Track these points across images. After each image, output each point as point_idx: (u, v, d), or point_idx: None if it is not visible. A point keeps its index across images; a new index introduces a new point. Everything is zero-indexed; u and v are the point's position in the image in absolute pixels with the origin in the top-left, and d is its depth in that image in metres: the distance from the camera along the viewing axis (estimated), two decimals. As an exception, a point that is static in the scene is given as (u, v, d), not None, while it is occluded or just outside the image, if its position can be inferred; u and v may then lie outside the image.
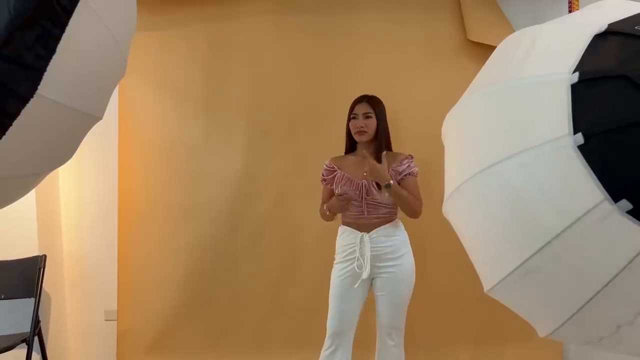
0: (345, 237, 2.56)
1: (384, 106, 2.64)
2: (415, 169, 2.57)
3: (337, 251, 2.60)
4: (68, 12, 1.19)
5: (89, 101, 1.40)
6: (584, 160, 0.99)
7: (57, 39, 1.19)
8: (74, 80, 1.30)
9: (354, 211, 2.56)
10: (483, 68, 1.38)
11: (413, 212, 2.50)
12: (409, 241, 2.56)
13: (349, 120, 2.63)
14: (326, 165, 2.68)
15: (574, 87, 1.04)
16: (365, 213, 2.54)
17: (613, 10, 1.17)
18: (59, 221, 3.44)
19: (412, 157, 2.61)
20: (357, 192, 2.54)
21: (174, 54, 3.39)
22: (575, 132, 1.01)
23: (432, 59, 3.21)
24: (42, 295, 3.18)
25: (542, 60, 1.13)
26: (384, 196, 2.50)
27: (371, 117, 2.58)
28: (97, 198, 3.45)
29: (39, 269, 3.04)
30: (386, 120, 2.64)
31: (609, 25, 1.10)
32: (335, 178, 2.62)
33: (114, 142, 3.35)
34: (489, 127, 1.15)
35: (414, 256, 2.57)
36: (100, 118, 1.49)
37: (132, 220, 3.37)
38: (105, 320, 3.51)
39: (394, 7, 3.22)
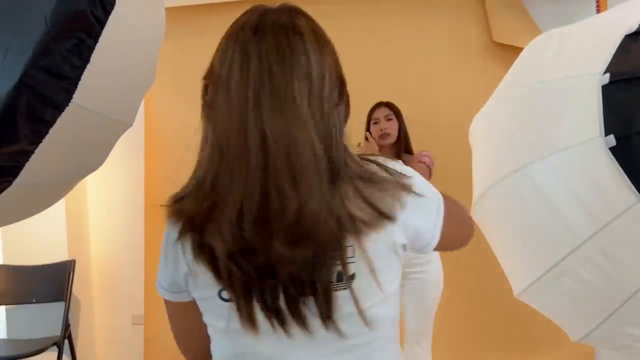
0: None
1: (400, 110, 2.65)
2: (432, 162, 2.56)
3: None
4: (101, 22, 1.23)
5: (120, 108, 1.44)
6: (616, 162, 0.98)
7: (91, 49, 1.22)
8: (106, 88, 1.33)
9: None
10: (511, 70, 1.38)
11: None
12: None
13: (368, 126, 2.62)
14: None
15: (605, 89, 1.03)
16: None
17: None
18: (87, 227, 3.49)
19: (430, 153, 2.60)
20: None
21: (199, 62, 3.38)
22: (606, 133, 1.00)
23: (458, 61, 3.18)
24: (71, 299, 3.24)
25: (572, 61, 1.12)
26: None
27: (392, 119, 2.57)
28: (124, 204, 3.50)
29: (69, 273, 3.09)
30: (404, 123, 2.63)
31: (639, 25, 1.09)
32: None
33: (141, 148, 3.39)
34: (519, 129, 1.14)
35: (441, 260, 2.55)
36: (130, 125, 1.52)
37: (158, 225, 3.34)
38: (133, 324, 3.55)
39: (417, 10, 3.19)
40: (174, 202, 0.86)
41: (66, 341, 3.05)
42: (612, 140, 0.99)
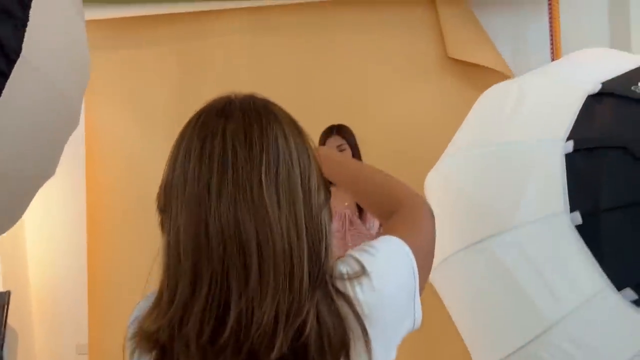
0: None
1: (352, 133, 2.56)
2: None
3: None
4: (5, 74, 1.07)
5: (35, 163, 1.27)
6: (583, 243, 0.89)
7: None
8: (16, 142, 1.17)
9: (336, 243, 2.46)
10: (467, 122, 1.28)
11: None
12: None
13: None
14: (305, 196, 2.56)
15: (569, 157, 0.95)
16: (350, 243, 2.44)
17: (603, 62, 1.09)
18: (24, 255, 3.29)
19: None
20: (340, 223, 2.45)
21: (143, 74, 3.25)
22: (572, 209, 0.91)
23: (413, 76, 3.12)
24: (7, 332, 3.03)
25: (533, 122, 1.04)
26: (369, 225, 2.42)
27: (345, 149, 2.49)
28: (64, 229, 3.30)
29: (3, 305, 2.90)
30: (358, 149, 2.55)
31: (603, 84, 1.01)
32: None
33: (81, 168, 3.20)
34: (476, 195, 1.05)
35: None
36: (50, 175, 1.36)
37: (101, 250, 3.23)
38: (78, 354, 3.37)
39: (372, 25, 3.11)
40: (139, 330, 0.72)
41: (2, 379, 2.85)
42: (578, 217, 0.91)
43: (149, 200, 2.94)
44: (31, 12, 1.11)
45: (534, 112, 1.05)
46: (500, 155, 1.04)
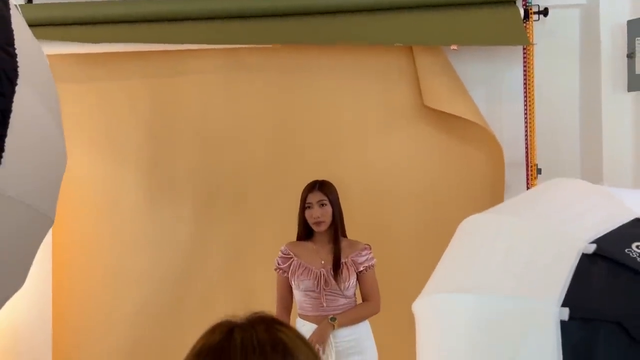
0: (304, 332, 2.45)
1: (336, 190, 2.56)
2: (374, 261, 2.52)
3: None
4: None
5: (8, 274, 1.22)
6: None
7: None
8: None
9: (311, 303, 2.46)
10: (451, 255, 1.29)
11: (370, 316, 2.47)
12: (371, 332, 2.49)
13: (302, 208, 2.52)
14: (282, 252, 2.55)
15: (564, 325, 0.97)
16: (324, 304, 2.44)
17: (593, 209, 1.11)
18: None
19: (370, 247, 2.54)
20: (315, 282, 2.44)
21: (114, 109, 3.16)
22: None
23: (388, 122, 3.14)
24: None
25: (528, 278, 1.05)
26: (344, 286, 2.43)
27: (326, 204, 2.48)
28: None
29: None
30: (340, 206, 2.55)
31: (597, 244, 1.03)
32: (292, 266, 2.50)
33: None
34: (467, 353, 1.06)
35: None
36: (19, 287, 1.31)
37: (67, 285, 3.15)
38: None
39: (348, 71, 3.11)
40: None
41: None
42: (573, 394, 0.93)
43: (118, 240, 2.90)
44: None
45: (528, 266, 1.07)
46: (490, 312, 1.05)
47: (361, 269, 2.47)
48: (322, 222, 2.47)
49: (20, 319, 3.23)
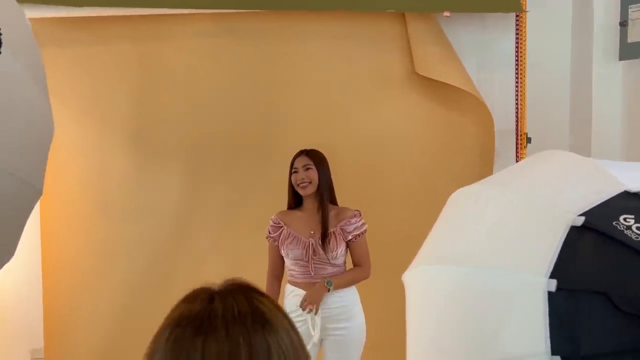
0: (293, 298, 2.49)
1: (325, 158, 2.58)
2: (365, 227, 2.53)
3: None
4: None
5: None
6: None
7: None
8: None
9: (300, 270, 2.49)
10: (440, 227, 1.30)
11: (361, 281, 2.49)
12: (359, 298, 2.53)
13: (290, 175, 2.52)
14: (272, 221, 2.57)
15: (551, 296, 0.99)
16: (312, 272, 2.47)
17: (582, 182, 1.12)
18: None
19: (360, 214, 2.55)
20: (304, 251, 2.46)
21: (100, 74, 3.10)
22: (552, 352, 0.96)
23: (379, 89, 3.12)
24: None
25: (515, 251, 1.06)
26: (332, 255, 2.45)
27: (311, 168, 2.50)
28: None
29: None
30: (329, 173, 2.56)
31: (586, 217, 1.04)
32: (282, 235, 2.52)
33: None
34: (453, 325, 1.08)
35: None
36: (8, 259, 1.30)
37: (56, 256, 3.14)
38: (33, 359, 3.31)
39: (339, 37, 3.06)
40: None
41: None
42: (558, 363, 0.96)
43: (106, 206, 2.89)
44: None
45: (516, 238, 1.08)
46: (477, 280, 1.07)
47: (350, 237, 2.49)
48: (307, 183, 2.47)
49: (11, 291, 3.24)
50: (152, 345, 0.68)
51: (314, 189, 2.49)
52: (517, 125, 3.04)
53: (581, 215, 1.06)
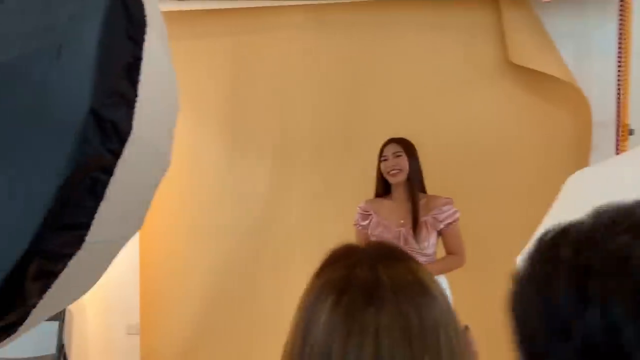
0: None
1: (414, 146, 2.53)
2: (457, 215, 2.46)
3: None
4: (119, 155, 1.07)
5: (134, 224, 1.30)
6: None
7: (105, 185, 1.08)
8: (124, 211, 1.19)
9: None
10: (553, 210, 1.24)
11: (456, 268, 2.45)
12: (449, 289, 2.49)
13: (379, 163, 2.51)
14: (360, 209, 2.56)
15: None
16: (403, 262, 2.45)
17: None
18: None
19: (452, 201, 2.50)
20: (395, 241, 2.44)
21: (195, 67, 3.23)
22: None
23: (471, 80, 3.05)
24: (66, 312, 3.16)
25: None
26: (423, 245, 2.42)
27: (401, 155, 2.45)
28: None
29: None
30: (418, 160, 2.52)
31: None
32: (371, 223, 2.52)
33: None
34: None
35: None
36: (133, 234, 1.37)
37: (153, 236, 3.31)
38: (128, 334, 3.50)
39: (431, 27, 3.02)
40: None
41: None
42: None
43: (201, 192, 3.01)
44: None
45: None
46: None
47: (441, 226, 2.44)
48: (398, 171, 2.43)
49: (110, 270, 3.44)
50: (310, 307, 0.66)
51: (404, 177, 2.46)
52: (617, 116, 2.88)
53: None
